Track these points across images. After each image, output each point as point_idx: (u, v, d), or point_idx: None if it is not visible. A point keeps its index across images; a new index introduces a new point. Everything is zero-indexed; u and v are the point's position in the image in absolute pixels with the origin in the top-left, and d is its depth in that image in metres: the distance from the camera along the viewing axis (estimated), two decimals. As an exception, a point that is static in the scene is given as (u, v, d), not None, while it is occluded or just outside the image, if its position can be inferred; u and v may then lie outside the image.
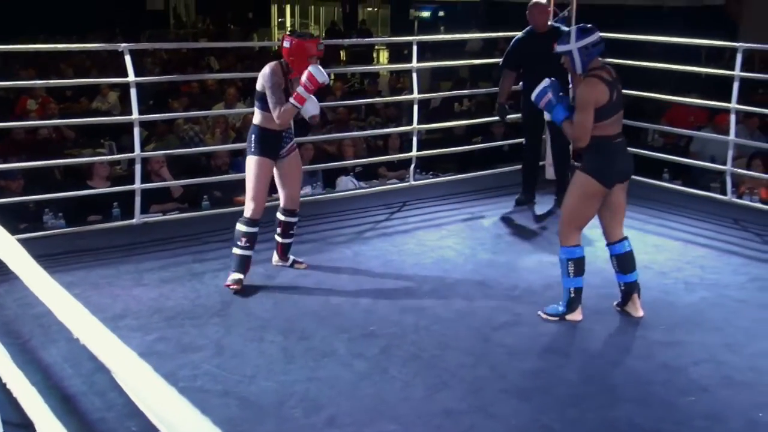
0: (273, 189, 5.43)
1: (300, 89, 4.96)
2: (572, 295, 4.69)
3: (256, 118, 5.15)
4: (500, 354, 4.34)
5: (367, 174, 8.21)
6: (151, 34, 23.07)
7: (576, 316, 4.72)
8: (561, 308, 4.75)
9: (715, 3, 14.91)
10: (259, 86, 5.08)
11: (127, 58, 6.19)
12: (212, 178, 7.16)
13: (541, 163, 7.76)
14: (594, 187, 4.54)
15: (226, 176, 7.24)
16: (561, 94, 4.62)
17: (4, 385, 3.27)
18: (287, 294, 5.12)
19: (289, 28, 27.63)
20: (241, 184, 5.38)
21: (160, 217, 6.63)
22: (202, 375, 4.03)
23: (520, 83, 7.08)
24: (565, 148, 7.09)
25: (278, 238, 5.51)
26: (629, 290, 4.78)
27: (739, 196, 7.19)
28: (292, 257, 5.58)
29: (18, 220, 6.32)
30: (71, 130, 9.98)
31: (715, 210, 6.97)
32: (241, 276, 5.15)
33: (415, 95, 7.63)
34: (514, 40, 7.02)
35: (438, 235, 6.33)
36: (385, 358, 4.25)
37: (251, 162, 5.15)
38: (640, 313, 4.80)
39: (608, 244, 4.78)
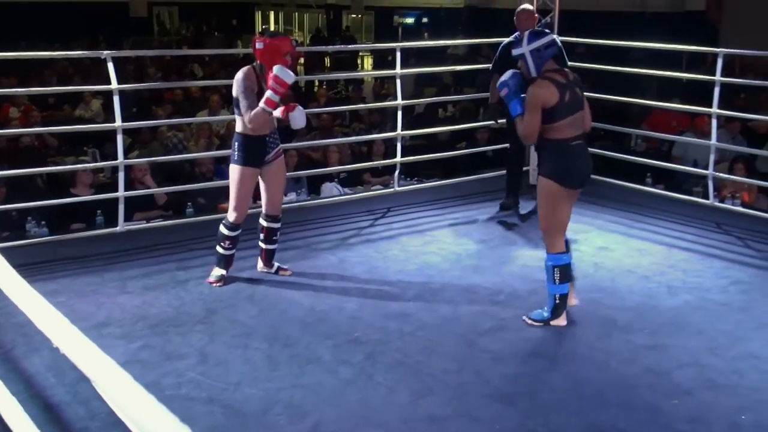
0: (258, 196, 5.43)
1: (269, 93, 4.94)
2: (557, 301, 4.73)
3: (238, 126, 5.15)
4: (485, 359, 4.35)
5: (351, 180, 8.21)
6: (135, 41, 23.01)
7: (560, 321, 4.76)
8: (546, 314, 4.78)
9: (697, 9, 15.02)
10: (234, 92, 5.09)
11: (110, 66, 6.16)
12: (196, 185, 7.14)
13: (525, 168, 7.80)
14: (556, 190, 4.62)
15: (210, 183, 7.22)
16: (522, 88, 4.65)
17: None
18: (272, 301, 5.11)
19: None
20: (225, 191, 5.38)
21: (143, 225, 6.60)
22: (187, 383, 4.02)
23: None
24: None
25: (262, 244, 5.51)
26: None
27: (722, 200, 7.24)
28: (276, 264, 5.57)
29: (0, 229, 6.28)
30: (54, 137, 9.94)
31: (698, 214, 7.02)
32: (223, 272, 5.36)
33: (399, 101, 7.64)
34: (501, 45, 7.07)
35: (422, 241, 6.34)
36: (369, 365, 4.25)
37: (234, 170, 5.16)
38: (575, 302, 4.88)
39: None
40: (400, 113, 7.61)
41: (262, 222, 5.43)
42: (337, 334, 4.61)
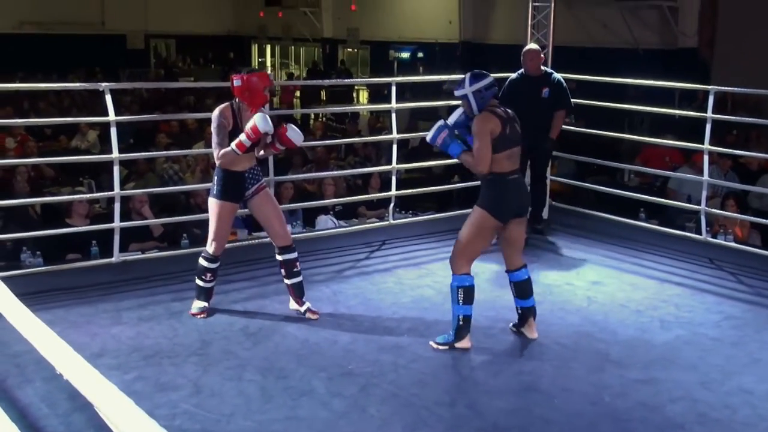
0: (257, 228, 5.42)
1: (242, 137, 4.98)
2: (461, 322, 4.85)
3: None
4: (478, 392, 4.36)
5: (346, 213, 8.24)
6: (131, 73, 23.15)
7: (465, 343, 4.86)
8: (450, 337, 4.87)
9: (689, 46, 15.18)
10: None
11: (108, 98, 6.21)
12: (192, 217, 7.16)
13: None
14: (489, 222, 4.80)
15: (205, 214, 7.19)
16: (456, 132, 4.87)
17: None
18: (266, 333, 5.11)
19: (269, 68, 27.81)
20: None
21: (139, 256, 6.61)
22: (181, 414, 4.02)
23: None
24: (544, 189, 7.27)
25: (285, 281, 5.40)
26: (526, 314, 5.07)
27: (714, 236, 7.29)
28: (307, 304, 5.41)
29: (-5, 259, 6.29)
30: (50, 168, 9.97)
31: (691, 249, 7.05)
32: (206, 304, 5.35)
33: (394, 135, 7.70)
34: (507, 81, 7.24)
35: (417, 274, 6.35)
36: (363, 397, 4.25)
37: (212, 204, 5.20)
38: (535, 335, 5.05)
39: (508, 271, 5.08)
40: (395, 147, 7.66)
41: (277, 257, 5.37)
42: (330, 366, 4.61)
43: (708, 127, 7.00)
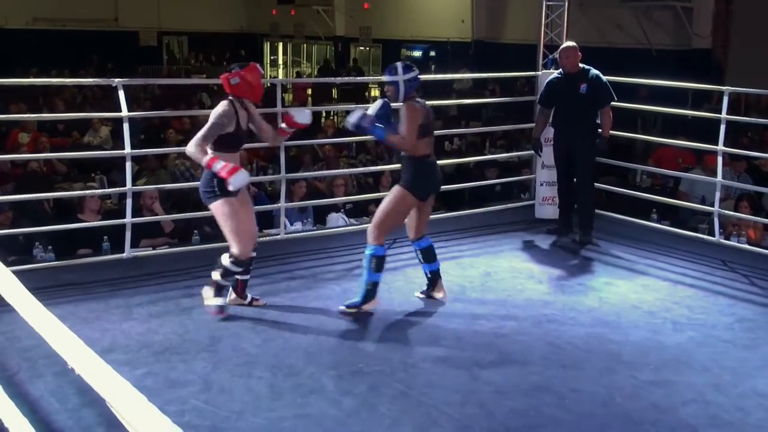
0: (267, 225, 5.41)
1: (218, 167, 4.81)
2: (369, 287, 5.33)
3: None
4: (488, 392, 4.33)
5: (357, 211, 8.23)
6: (144, 69, 23.21)
7: (371, 305, 5.36)
8: (358, 300, 5.34)
9: (703, 47, 15.12)
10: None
11: (121, 93, 6.22)
12: (203, 213, 7.13)
13: (531, 202, 7.86)
14: (409, 200, 5.31)
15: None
16: (379, 115, 5.28)
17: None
18: (276, 330, 5.11)
19: (281, 66, 27.85)
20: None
21: (150, 252, 6.62)
22: (190, 410, 4.01)
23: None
24: (591, 188, 7.25)
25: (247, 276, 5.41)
26: (435, 277, 5.61)
27: (727, 237, 7.24)
28: (250, 295, 5.46)
29: (7, 253, 6.30)
30: (62, 163, 10.00)
31: (703, 251, 7.02)
32: (224, 302, 5.32)
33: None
34: (547, 80, 7.38)
35: (427, 273, 6.32)
36: (373, 395, 4.24)
37: (222, 205, 5.02)
38: (443, 294, 5.59)
39: (413, 241, 5.57)
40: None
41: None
42: (340, 364, 4.60)
43: (722, 128, 6.96)
